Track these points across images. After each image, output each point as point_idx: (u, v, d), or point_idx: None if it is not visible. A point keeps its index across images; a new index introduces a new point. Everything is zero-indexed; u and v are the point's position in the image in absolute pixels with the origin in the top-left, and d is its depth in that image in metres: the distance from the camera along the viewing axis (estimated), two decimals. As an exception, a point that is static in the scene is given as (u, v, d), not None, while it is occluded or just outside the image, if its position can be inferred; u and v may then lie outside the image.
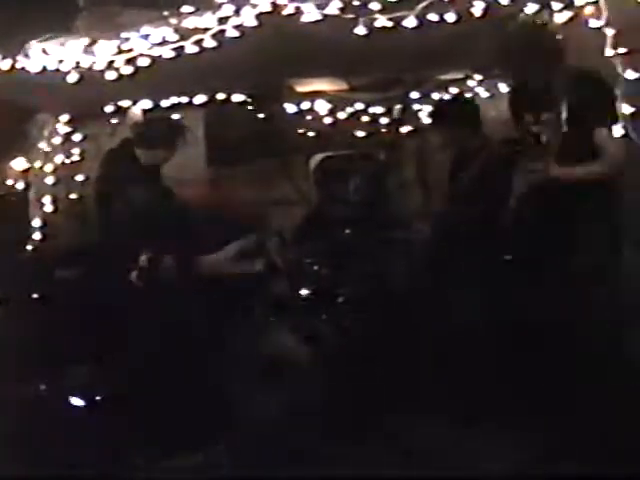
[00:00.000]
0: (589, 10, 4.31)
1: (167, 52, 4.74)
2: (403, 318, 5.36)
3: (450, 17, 4.49)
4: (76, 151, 6.22)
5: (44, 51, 4.94)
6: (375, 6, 4.45)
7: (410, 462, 3.95)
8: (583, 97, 3.99)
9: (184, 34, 4.72)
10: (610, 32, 4.14)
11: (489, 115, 5.38)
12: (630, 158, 4.08)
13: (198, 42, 4.69)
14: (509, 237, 4.27)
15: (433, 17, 4.51)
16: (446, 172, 5.23)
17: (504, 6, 4.39)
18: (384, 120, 6.45)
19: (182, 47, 4.72)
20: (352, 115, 6.46)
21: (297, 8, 4.54)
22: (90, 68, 4.86)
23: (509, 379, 4.28)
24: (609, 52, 4.13)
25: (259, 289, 4.51)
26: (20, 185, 6.07)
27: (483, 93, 5.95)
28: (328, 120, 6.48)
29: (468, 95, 5.96)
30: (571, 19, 4.40)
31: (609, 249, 4.20)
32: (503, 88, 5.57)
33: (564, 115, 4.03)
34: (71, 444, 3.96)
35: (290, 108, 6.39)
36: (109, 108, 5.93)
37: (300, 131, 6.60)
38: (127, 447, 4.04)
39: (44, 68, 4.94)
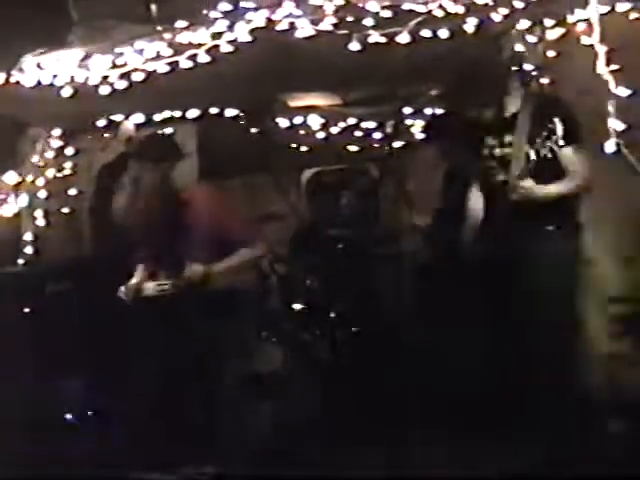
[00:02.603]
0: (581, 27, 4.34)
1: (161, 67, 4.74)
2: (395, 332, 5.38)
3: (443, 33, 4.52)
4: (68, 165, 6.21)
5: (39, 65, 4.94)
6: (369, 22, 4.47)
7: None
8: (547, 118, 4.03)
9: (178, 49, 4.73)
10: (602, 49, 4.16)
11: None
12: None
13: (192, 57, 4.70)
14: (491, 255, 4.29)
15: (426, 33, 4.53)
16: (438, 187, 5.24)
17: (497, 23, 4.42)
18: (377, 135, 6.47)
19: (176, 62, 4.73)
20: (345, 130, 6.48)
21: (291, 24, 4.55)
22: (84, 83, 4.86)
23: (504, 388, 4.29)
24: (601, 69, 4.15)
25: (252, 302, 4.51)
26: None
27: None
28: (321, 135, 6.49)
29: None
30: (563, 36, 4.44)
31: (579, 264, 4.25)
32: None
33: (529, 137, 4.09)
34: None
35: (283, 123, 6.40)
36: (101, 122, 5.93)
37: (292, 146, 6.62)
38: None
39: (38, 82, 4.94)
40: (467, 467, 3.95)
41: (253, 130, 6.33)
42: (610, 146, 4.02)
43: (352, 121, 6.43)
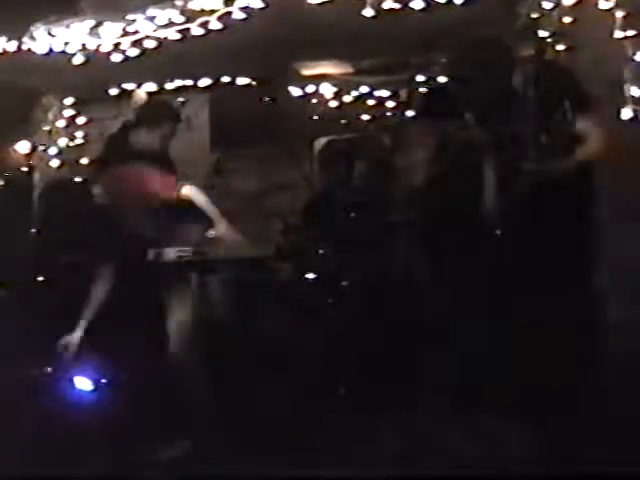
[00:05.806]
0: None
1: (173, 34, 4.71)
2: (406, 302, 5.37)
3: (458, -1, 4.48)
4: (80, 134, 6.20)
5: (50, 33, 4.92)
6: (382, -13, 4.44)
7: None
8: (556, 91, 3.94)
9: (190, 16, 4.70)
10: (619, 14, 4.11)
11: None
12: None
13: (204, 24, 4.67)
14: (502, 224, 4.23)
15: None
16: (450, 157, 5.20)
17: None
18: (390, 103, 6.43)
19: (188, 29, 4.70)
20: (357, 98, 6.44)
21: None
22: (96, 50, 4.84)
23: (509, 373, 4.25)
24: (618, 34, 4.10)
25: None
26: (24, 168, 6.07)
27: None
28: (333, 103, 6.45)
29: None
30: (579, 1, 4.37)
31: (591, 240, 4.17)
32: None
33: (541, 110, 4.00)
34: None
35: (295, 91, 6.36)
36: (113, 91, 5.91)
37: (305, 114, 6.58)
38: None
39: (50, 50, 4.92)
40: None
41: (265, 99, 6.30)
42: (627, 113, 3.98)
43: (365, 89, 6.39)
